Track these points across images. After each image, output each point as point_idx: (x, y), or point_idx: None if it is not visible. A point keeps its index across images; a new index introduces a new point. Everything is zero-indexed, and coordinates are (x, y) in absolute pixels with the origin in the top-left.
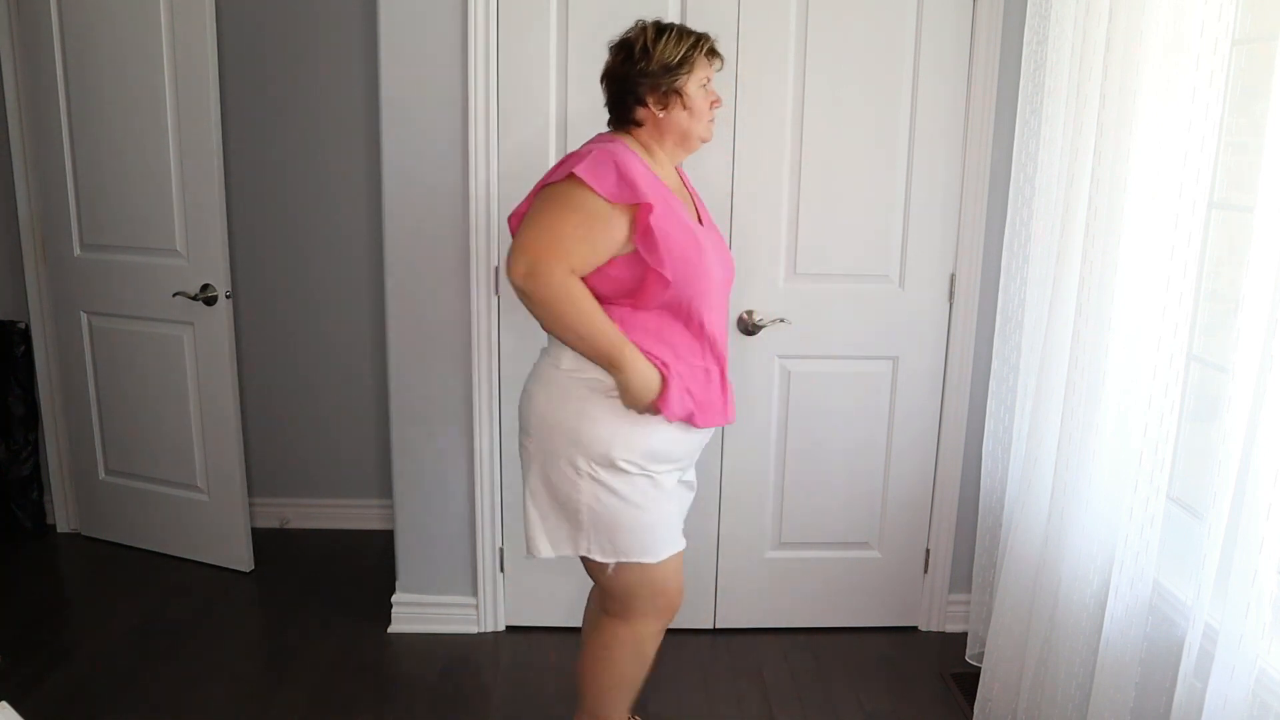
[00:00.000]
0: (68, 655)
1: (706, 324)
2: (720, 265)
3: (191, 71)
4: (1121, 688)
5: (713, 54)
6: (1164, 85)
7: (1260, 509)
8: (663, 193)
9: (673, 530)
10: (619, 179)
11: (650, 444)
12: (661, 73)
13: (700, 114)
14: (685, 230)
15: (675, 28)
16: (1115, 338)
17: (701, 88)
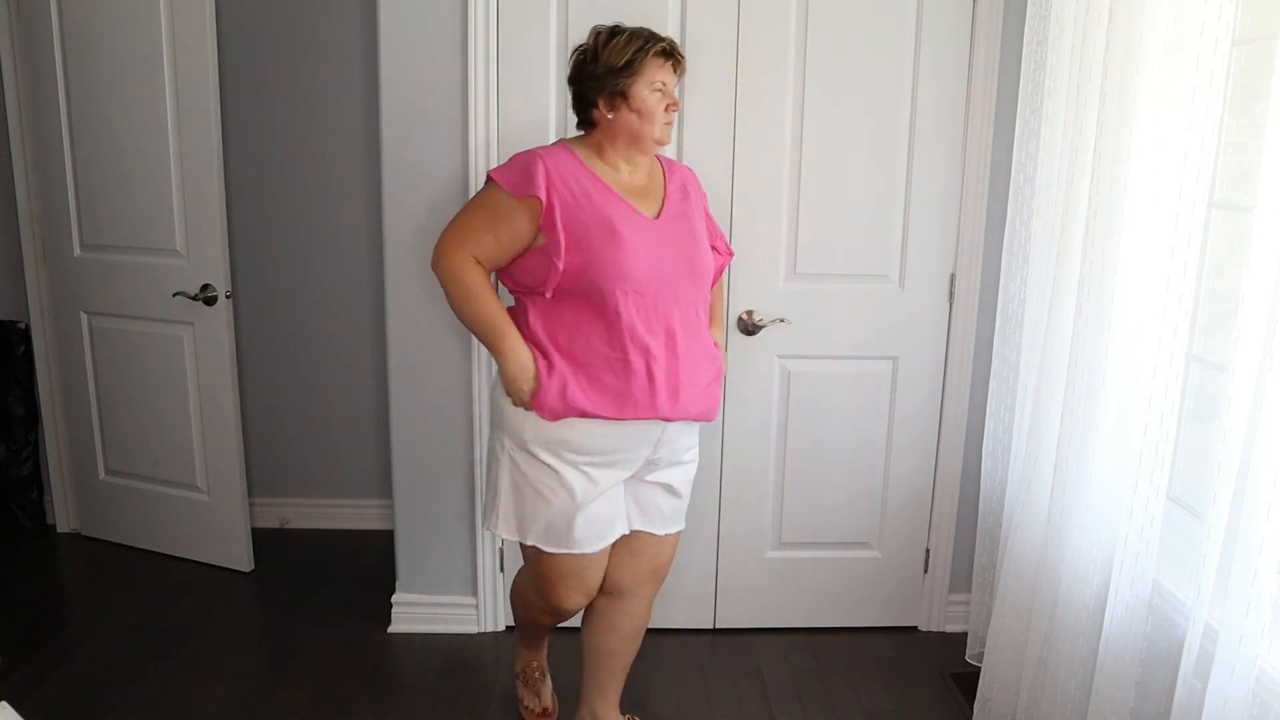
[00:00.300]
0: (68, 655)
1: (623, 314)
2: (652, 258)
3: (191, 71)
4: (1121, 688)
5: (666, 56)
6: (1164, 85)
7: (1260, 509)
8: (574, 189)
9: (564, 530)
10: (523, 176)
11: (563, 434)
12: (608, 75)
13: (650, 116)
14: (600, 224)
15: (628, 31)
16: (1115, 338)
17: (654, 91)
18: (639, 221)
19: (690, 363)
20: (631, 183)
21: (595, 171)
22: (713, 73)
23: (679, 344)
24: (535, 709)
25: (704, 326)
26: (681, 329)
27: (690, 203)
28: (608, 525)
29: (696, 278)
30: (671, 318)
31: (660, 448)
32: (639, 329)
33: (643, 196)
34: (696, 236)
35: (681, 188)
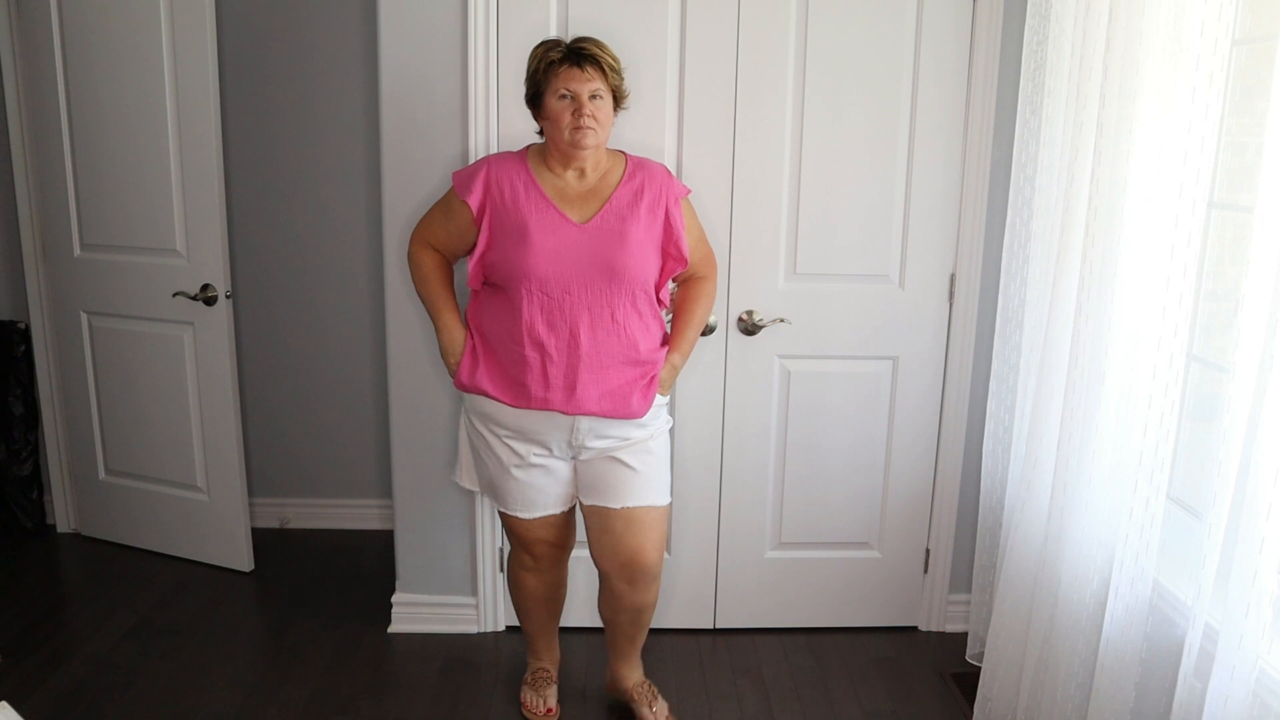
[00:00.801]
0: (68, 655)
1: (524, 312)
2: (561, 261)
3: (191, 71)
4: (1121, 688)
5: (570, 62)
6: (1164, 85)
7: (1260, 509)
8: (506, 193)
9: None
10: (467, 180)
11: (482, 406)
12: (528, 89)
13: (556, 122)
14: (516, 226)
15: (545, 41)
16: (1115, 337)
17: (559, 99)
18: (558, 226)
19: (594, 362)
20: (577, 187)
21: (536, 177)
22: (712, 71)
23: (582, 344)
24: (538, 710)
25: (631, 329)
26: (589, 330)
27: (639, 208)
28: (538, 495)
29: (616, 281)
30: (578, 318)
31: (579, 435)
32: (538, 326)
33: (581, 201)
34: (626, 242)
35: (635, 193)
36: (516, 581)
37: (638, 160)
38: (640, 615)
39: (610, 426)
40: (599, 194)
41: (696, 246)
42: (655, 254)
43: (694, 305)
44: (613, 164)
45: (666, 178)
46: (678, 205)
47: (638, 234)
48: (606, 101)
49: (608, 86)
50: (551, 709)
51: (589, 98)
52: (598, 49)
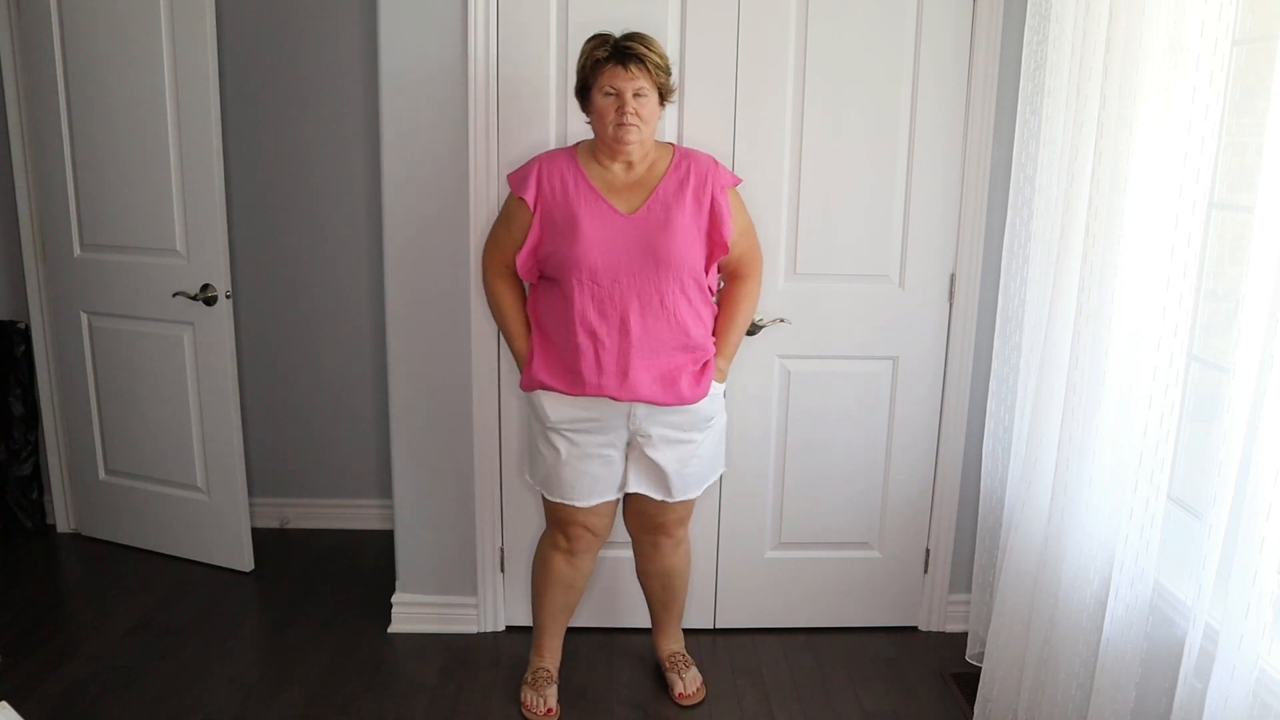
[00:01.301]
0: (68, 655)
1: (576, 301)
2: (611, 251)
3: (192, 71)
4: (1122, 688)
5: (616, 61)
6: (1164, 85)
7: (1261, 509)
8: (557, 187)
9: (557, 482)
10: (520, 178)
11: (540, 401)
12: (578, 84)
13: (602, 118)
14: (566, 219)
15: (590, 40)
16: (1115, 338)
17: (605, 96)
18: (607, 217)
19: (646, 347)
20: (624, 179)
21: (585, 170)
22: (712, 72)
23: (633, 330)
24: (538, 710)
25: (681, 314)
26: (639, 316)
27: (685, 195)
28: (592, 484)
29: (663, 267)
30: (628, 306)
31: (635, 422)
32: (590, 315)
33: (628, 192)
34: (671, 229)
35: (681, 181)
36: (544, 560)
37: (685, 150)
38: (669, 579)
39: (667, 414)
40: (646, 184)
41: (741, 238)
42: (701, 241)
43: (735, 307)
44: (660, 155)
45: (713, 166)
46: (724, 193)
47: (683, 221)
48: (651, 98)
49: (653, 84)
50: (551, 709)
51: (633, 95)
52: (645, 47)
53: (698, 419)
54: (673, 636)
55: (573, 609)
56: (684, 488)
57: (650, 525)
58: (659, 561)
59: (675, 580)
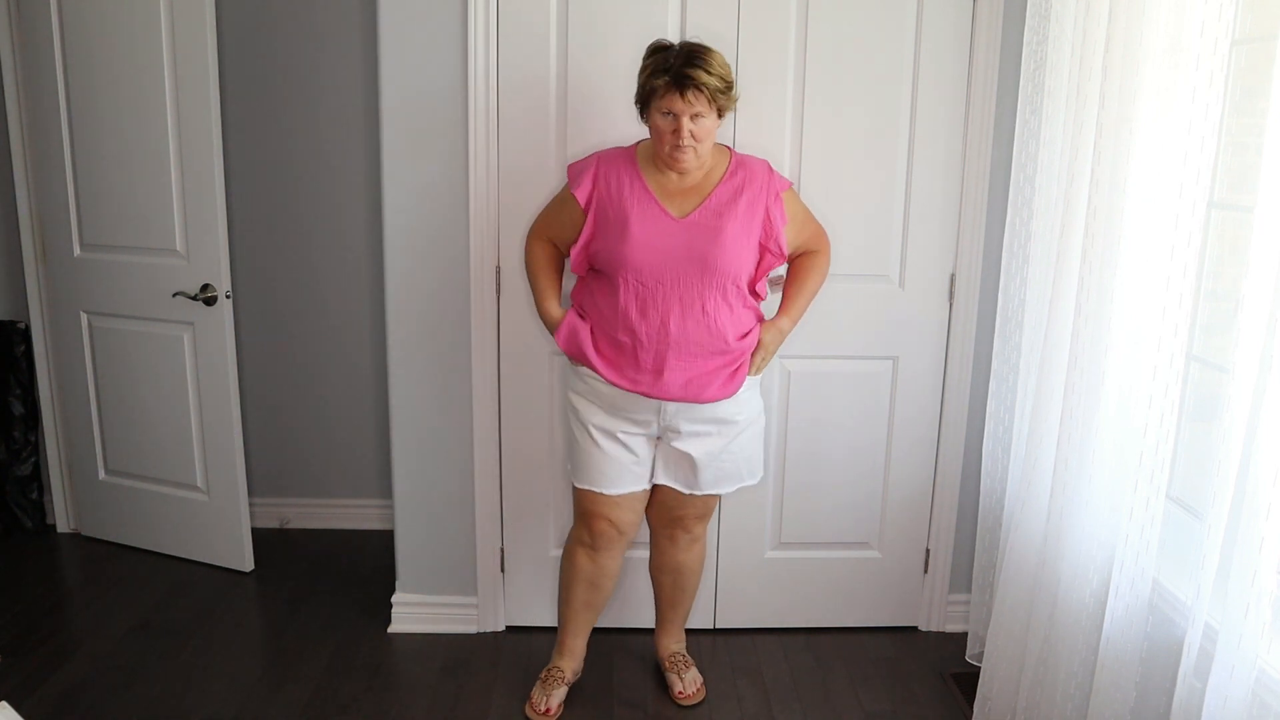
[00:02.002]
0: (68, 655)
1: (621, 298)
2: (658, 253)
3: (191, 71)
4: (1121, 687)
5: (675, 85)
6: (1164, 85)
7: (1260, 509)
8: (613, 186)
9: (588, 469)
10: (577, 174)
11: (584, 382)
12: (638, 93)
13: (658, 138)
14: (619, 219)
15: (658, 52)
16: (1115, 338)
17: (663, 116)
18: (658, 220)
19: (682, 349)
20: (679, 184)
21: (642, 171)
22: None
23: (671, 332)
24: (539, 708)
25: (721, 321)
26: (679, 320)
27: (738, 204)
28: (623, 471)
29: (708, 274)
30: (669, 308)
31: (666, 418)
32: (632, 313)
33: (681, 196)
34: (721, 237)
35: (736, 190)
36: (569, 557)
37: (740, 157)
38: (680, 576)
39: (697, 411)
40: (700, 190)
41: (802, 230)
42: (752, 250)
43: (806, 275)
44: (717, 160)
45: (767, 174)
46: (778, 202)
47: (734, 230)
48: (709, 119)
49: (712, 107)
50: (550, 710)
51: (690, 118)
52: (705, 73)
53: (730, 415)
54: (675, 636)
55: (598, 609)
56: (710, 481)
57: (669, 518)
58: (673, 555)
59: (686, 578)
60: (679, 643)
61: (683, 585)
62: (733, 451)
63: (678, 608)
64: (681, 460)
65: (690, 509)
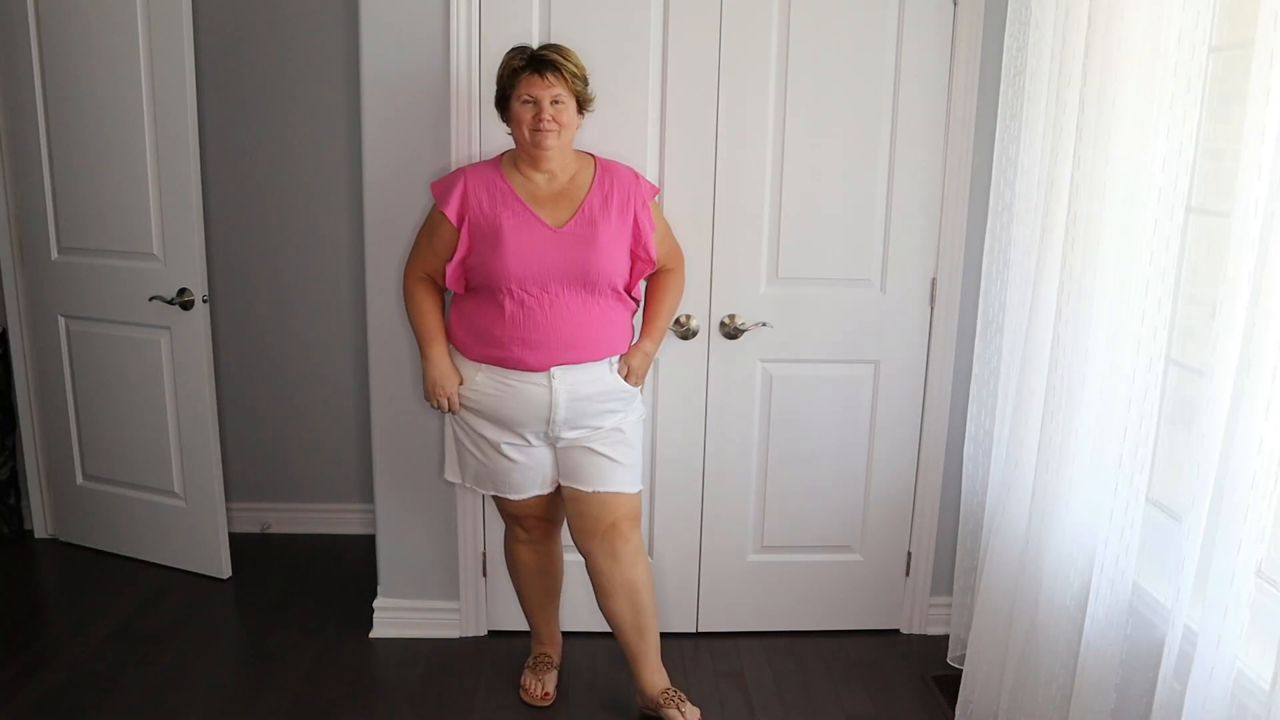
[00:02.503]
0: (45, 661)
1: (508, 311)
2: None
3: (168, 74)
4: (1102, 689)
5: (532, 69)
6: (1142, 91)
7: (1238, 512)
8: (483, 199)
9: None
10: (444, 191)
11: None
12: (497, 88)
13: (519, 123)
14: (490, 231)
15: (512, 49)
16: (1095, 342)
17: (523, 104)
18: (531, 227)
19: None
20: (548, 189)
21: (510, 181)
22: (694, 78)
23: (564, 337)
24: (535, 692)
25: (608, 322)
26: (571, 326)
27: (610, 211)
28: (522, 478)
29: (590, 282)
30: (560, 316)
31: (555, 426)
32: (520, 322)
33: (553, 204)
34: (598, 245)
35: (605, 196)
36: (512, 555)
37: (606, 163)
38: (636, 596)
39: (584, 415)
40: (570, 197)
41: (662, 242)
42: (625, 256)
43: (664, 295)
44: (581, 166)
45: (634, 181)
46: (646, 209)
47: (608, 237)
48: (569, 106)
49: (570, 92)
50: (549, 693)
51: (550, 102)
52: (560, 56)
53: (613, 419)
54: (656, 669)
55: (556, 593)
56: (614, 474)
57: (598, 528)
58: (620, 573)
59: (641, 595)
60: (663, 675)
61: (641, 605)
62: (629, 443)
63: (645, 634)
64: (574, 455)
65: (617, 510)
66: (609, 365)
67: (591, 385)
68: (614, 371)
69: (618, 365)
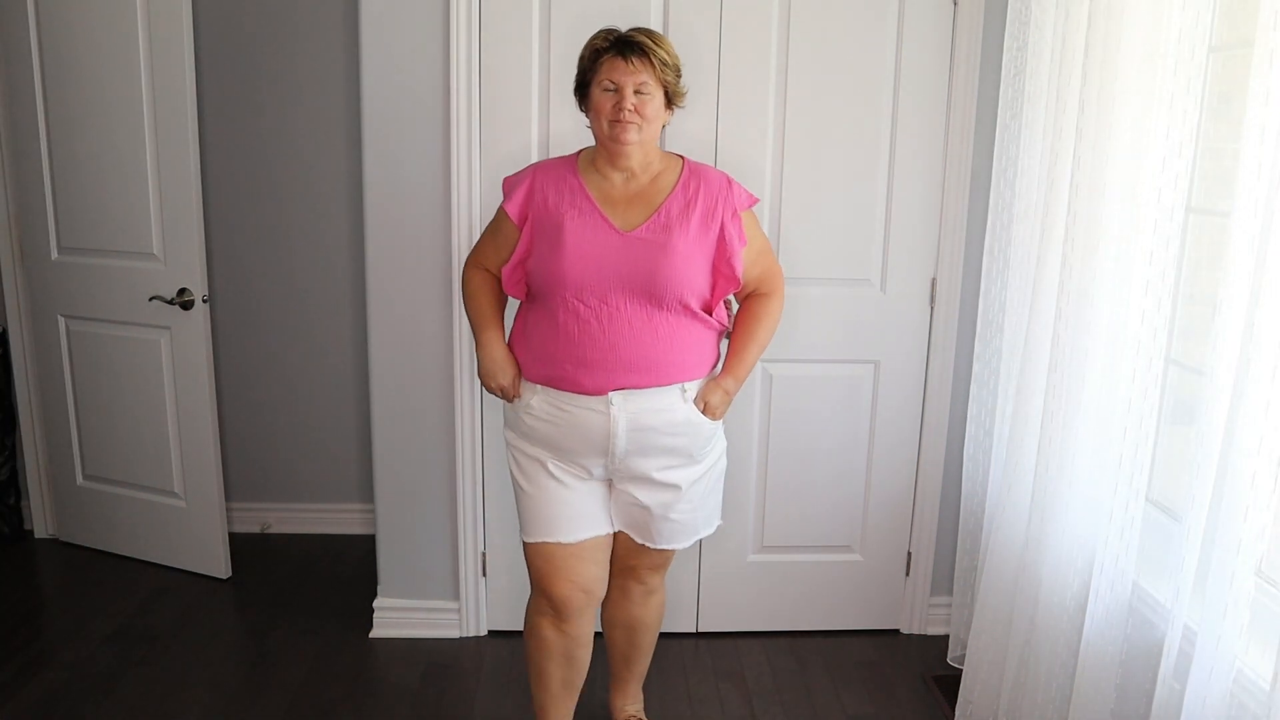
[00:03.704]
0: (45, 662)
1: (562, 324)
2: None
3: (169, 73)
4: (1102, 689)
5: (616, 52)
6: (1142, 91)
7: (1238, 511)
8: (550, 198)
9: (540, 517)
10: (511, 189)
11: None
12: (578, 79)
13: (598, 113)
14: (553, 229)
15: (599, 31)
16: (1094, 342)
17: (604, 91)
18: (597, 229)
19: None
20: (624, 190)
21: (583, 179)
22: (694, 77)
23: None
24: None
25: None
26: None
27: (690, 219)
28: (578, 515)
29: (659, 296)
30: (619, 334)
31: (615, 459)
32: (575, 336)
33: (627, 206)
34: (670, 254)
35: (688, 202)
36: (534, 630)
37: (695, 166)
38: (635, 633)
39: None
40: (648, 199)
41: (757, 260)
42: (705, 271)
43: (755, 325)
44: (667, 166)
45: (725, 187)
46: (736, 220)
47: (685, 247)
48: (655, 97)
49: (658, 81)
50: None
51: (633, 91)
52: (650, 40)
53: (688, 446)
54: (631, 696)
55: (578, 686)
56: (666, 535)
57: (620, 566)
58: (626, 610)
59: (641, 635)
60: (636, 703)
61: (637, 643)
62: (691, 499)
63: (633, 666)
64: (633, 509)
65: (643, 559)
66: (680, 393)
67: (657, 415)
68: (687, 401)
69: (694, 395)
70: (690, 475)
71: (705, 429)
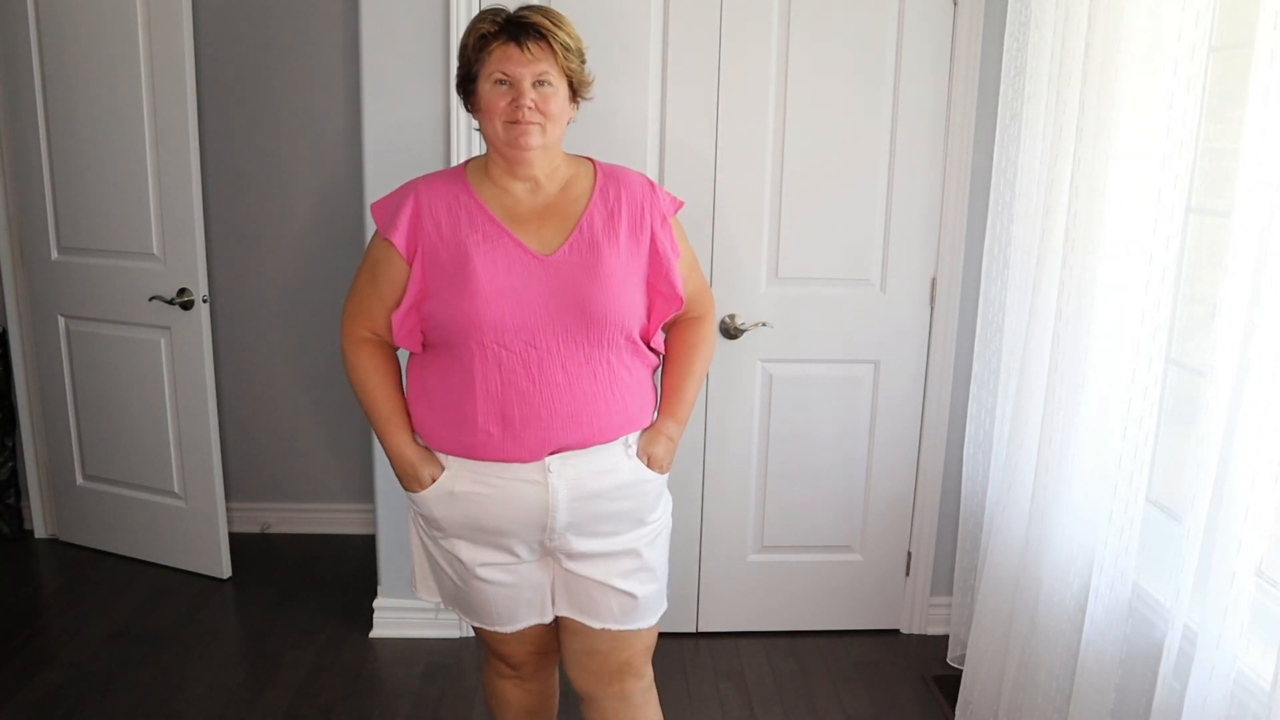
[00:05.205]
0: (45, 662)
1: (479, 378)
2: (521, 305)
3: (169, 73)
4: (1102, 689)
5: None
6: (1142, 91)
7: (1238, 511)
8: (442, 221)
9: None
10: (391, 213)
11: (425, 504)
12: (459, 65)
13: (490, 114)
14: (455, 264)
15: (482, 11)
16: (1095, 342)
17: (494, 84)
18: (511, 257)
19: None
20: (530, 204)
21: (479, 195)
22: (695, 78)
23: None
24: None
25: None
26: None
27: (617, 231)
28: (512, 605)
29: (595, 328)
30: (552, 378)
31: (553, 535)
32: (496, 391)
33: (539, 224)
34: (602, 275)
35: (610, 213)
36: (494, 692)
37: (609, 169)
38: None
39: (594, 518)
40: (562, 213)
41: (689, 277)
42: (640, 290)
43: (691, 356)
44: (576, 172)
45: (649, 190)
46: (666, 228)
47: (618, 267)
48: (558, 90)
49: (561, 71)
50: None
51: (532, 85)
52: (548, 21)
53: (636, 510)
54: None
55: None
56: (633, 610)
57: (605, 667)
58: (629, 715)
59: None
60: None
61: None
62: (650, 566)
63: None
64: (581, 585)
65: (627, 647)
66: (624, 448)
67: (602, 478)
68: (631, 457)
69: (635, 448)
70: (632, 538)
71: (653, 487)
